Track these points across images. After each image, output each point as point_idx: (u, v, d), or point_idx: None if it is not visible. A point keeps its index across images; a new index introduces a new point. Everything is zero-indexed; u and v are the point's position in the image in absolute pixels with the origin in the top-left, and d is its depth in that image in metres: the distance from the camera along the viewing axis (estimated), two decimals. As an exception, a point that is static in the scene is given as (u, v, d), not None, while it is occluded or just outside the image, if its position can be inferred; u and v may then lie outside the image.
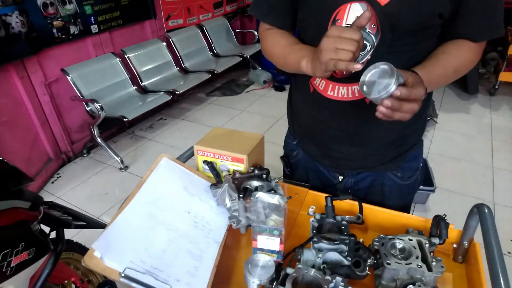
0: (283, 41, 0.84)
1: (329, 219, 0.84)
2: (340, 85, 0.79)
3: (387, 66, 0.60)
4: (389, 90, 0.59)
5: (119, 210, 0.76)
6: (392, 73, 0.59)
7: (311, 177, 1.02)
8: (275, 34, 0.88)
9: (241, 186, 0.84)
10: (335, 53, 0.60)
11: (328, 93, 0.81)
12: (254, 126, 3.17)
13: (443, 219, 0.79)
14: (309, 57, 0.72)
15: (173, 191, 0.84)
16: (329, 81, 0.80)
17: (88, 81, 2.68)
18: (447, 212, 2.11)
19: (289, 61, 0.81)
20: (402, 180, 0.93)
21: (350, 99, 0.80)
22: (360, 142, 0.87)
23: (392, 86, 0.58)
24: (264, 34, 0.91)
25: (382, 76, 0.60)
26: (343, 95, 0.80)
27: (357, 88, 0.79)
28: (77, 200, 2.33)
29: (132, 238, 0.71)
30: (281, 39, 0.85)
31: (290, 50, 0.81)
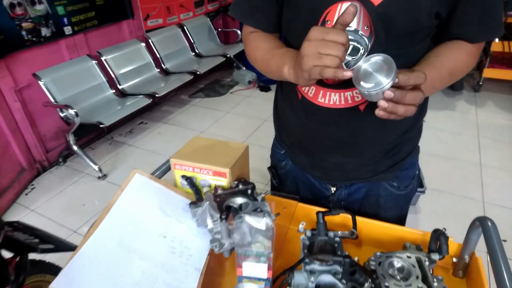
0: (266, 45, 0.76)
1: (321, 236, 0.77)
2: (331, 91, 0.72)
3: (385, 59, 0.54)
4: (383, 87, 0.52)
5: (84, 239, 0.67)
6: (389, 70, 0.53)
7: (301, 189, 0.95)
8: (258, 38, 0.80)
9: (224, 204, 0.76)
10: (319, 59, 0.53)
11: (318, 100, 0.74)
12: (239, 129, 3.08)
13: (443, 233, 0.73)
14: (291, 63, 0.65)
15: (147, 213, 0.75)
16: (320, 87, 0.73)
17: (62, 85, 2.54)
18: (438, 213, 2.09)
19: (271, 67, 0.73)
20: (398, 190, 0.87)
21: (343, 106, 0.73)
22: (353, 152, 0.80)
23: (388, 83, 0.52)
24: (247, 38, 0.83)
25: (379, 69, 0.54)
26: (335, 102, 0.73)
27: (350, 95, 0.72)
28: (52, 213, 2.20)
29: (98, 273, 0.62)
30: (263, 43, 0.77)
31: (272, 55, 0.73)
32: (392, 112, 0.54)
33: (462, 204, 2.07)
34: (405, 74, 0.52)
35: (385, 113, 0.54)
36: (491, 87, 3.60)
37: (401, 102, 0.53)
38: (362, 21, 0.63)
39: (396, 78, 0.52)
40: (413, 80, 0.52)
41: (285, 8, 0.73)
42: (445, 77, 0.68)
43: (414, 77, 0.52)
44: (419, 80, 0.53)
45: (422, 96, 0.54)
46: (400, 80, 0.52)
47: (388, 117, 0.55)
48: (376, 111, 0.55)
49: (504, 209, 2.02)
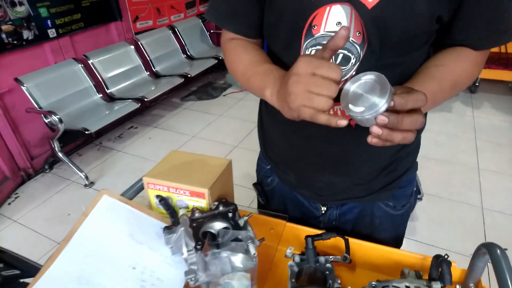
0: (246, 58, 0.68)
1: (310, 263, 0.70)
2: None
3: (378, 79, 0.46)
4: (382, 108, 0.44)
5: (39, 273, 0.59)
6: (383, 87, 0.45)
7: (289, 208, 0.88)
8: (238, 47, 0.72)
9: (201, 229, 0.68)
10: (309, 100, 0.46)
11: None
12: (232, 132, 3.00)
13: (446, 260, 0.66)
14: (273, 88, 0.57)
15: (115, 241, 0.66)
16: None
17: (47, 90, 2.45)
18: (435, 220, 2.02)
19: (252, 86, 0.65)
20: (394, 210, 0.80)
21: None
22: (344, 171, 0.73)
23: (384, 104, 0.44)
24: (226, 45, 0.75)
25: (371, 90, 0.46)
26: None
27: (339, 109, 0.64)
28: (36, 223, 2.11)
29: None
30: (244, 55, 0.69)
31: (253, 73, 0.65)
32: (387, 139, 0.46)
33: (460, 210, 2.01)
34: (402, 97, 0.44)
35: (378, 140, 0.46)
36: (488, 88, 3.55)
37: (398, 128, 0.45)
38: (354, 26, 0.55)
39: (391, 100, 0.44)
40: (412, 103, 0.44)
41: (267, 12, 0.66)
42: (447, 89, 0.60)
43: (413, 99, 0.44)
44: (419, 103, 0.45)
45: (422, 120, 0.46)
46: (396, 103, 0.44)
47: (382, 144, 0.47)
48: (368, 139, 0.47)
49: (503, 215, 1.95)
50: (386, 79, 0.44)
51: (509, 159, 2.46)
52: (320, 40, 0.58)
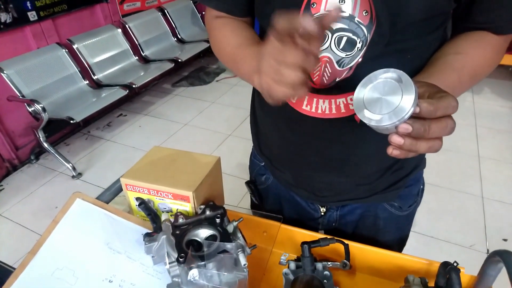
0: (233, 40, 0.61)
1: (307, 271, 0.64)
2: (319, 97, 0.57)
3: (395, 74, 0.38)
4: (408, 113, 0.36)
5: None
6: (406, 85, 0.37)
7: (285, 208, 0.81)
8: (224, 27, 0.63)
9: (185, 238, 0.61)
10: (277, 75, 0.40)
11: (303, 107, 0.59)
12: (225, 120, 2.91)
13: (455, 268, 0.60)
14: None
15: (89, 250, 0.60)
16: None
17: (29, 77, 2.32)
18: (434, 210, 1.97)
19: (240, 71, 0.58)
20: (400, 210, 0.74)
21: (334, 116, 0.58)
22: (346, 170, 0.66)
23: (411, 107, 0.36)
24: (210, 24, 0.66)
25: (391, 90, 0.38)
26: (324, 110, 0.57)
27: (343, 102, 0.56)
28: (22, 217, 2.03)
29: None
30: (230, 36, 0.61)
31: (241, 56, 0.57)
32: (410, 150, 0.38)
33: (460, 200, 1.97)
34: (431, 103, 0.36)
35: (401, 152, 0.39)
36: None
37: (424, 137, 0.38)
38: (360, 3, 0.47)
39: (417, 105, 0.36)
40: (442, 111, 0.37)
41: None
42: (466, 81, 0.52)
43: (444, 107, 0.37)
44: (450, 110, 0.37)
45: (453, 125, 0.38)
46: (424, 111, 0.36)
47: (405, 156, 0.39)
48: (388, 150, 0.39)
49: (503, 205, 1.92)
50: (409, 77, 0.37)
51: (510, 147, 2.41)
52: None
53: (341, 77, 0.53)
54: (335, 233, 0.80)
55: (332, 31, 0.50)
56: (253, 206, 0.88)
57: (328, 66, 0.53)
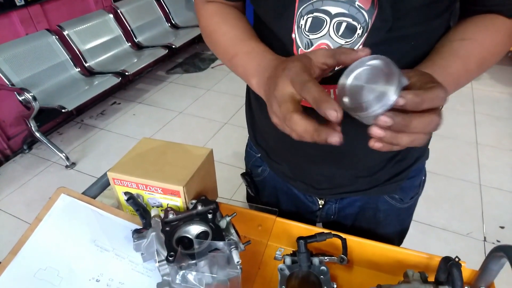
0: (227, 31, 0.57)
1: (303, 267, 0.62)
2: None
3: (380, 61, 0.36)
4: (387, 102, 0.34)
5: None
6: (390, 73, 0.34)
7: (282, 201, 0.79)
8: (216, 15, 0.59)
9: (175, 234, 0.58)
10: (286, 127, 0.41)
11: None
12: (221, 108, 2.87)
13: (456, 264, 0.58)
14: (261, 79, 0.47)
15: (74, 249, 0.57)
16: None
17: (19, 65, 2.26)
18: (432, 198, 1.96)
19: (236, 69, 0.55)
20: (401, 203, 0.71)
21: None
22: (346, 162, 0.63)
23: (392, 96, 0.34)
24: (200, 10, 0.62)
25: (374, 77, 0.35)
26: None
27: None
28: (15, 208, 2.00)
29: None
30: (223, 26, 0.58)
31: (236, 51, 0.54)
32: (391, 143, 0.36)
33: (458, 187, 1.96)
34: (417, 94, 0.34)
35: (382, 144, 0.36)
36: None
37: (406, 131, 0.35)
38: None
39: (403, 77, 0.34)
40: (428, 103, 0.34)
41: None
42: (473, 69, 0.49)
43: (430, 98, 0.34)
44: (436, 102, 0.35)
45: (438, 121, 0.36)
46: (409, 103, 0.34)
47: (388, 149, 0.37)
48: (370, 143, 0.37)
49: (501, 192, 1.91)
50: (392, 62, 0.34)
51: (508, 134, 2.39)
52: (318, 5, 0.46)
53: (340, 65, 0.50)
54: (333, 225, 0.78)
55: (331, 16, 0.46)
56: (249, 198, 0.85)
57: None
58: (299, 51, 0.51)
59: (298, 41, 0.50)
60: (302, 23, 0.48)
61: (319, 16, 0.47)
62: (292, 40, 0.50)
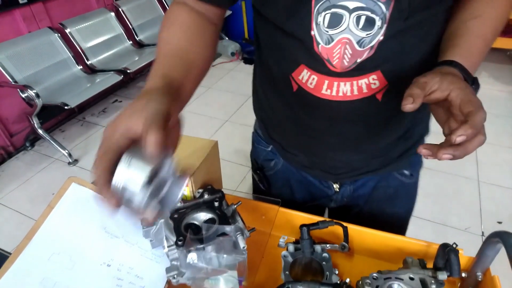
0: (170, 44, 0.54)
1: (306, 254, 0.64)
2: (340, 80, 0.55)
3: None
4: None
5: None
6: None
7: (297, 190, 0.81)
8: (175, 23, 0.57)
9: (183, 221, 0.61)
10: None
11: (322, 92, 0.57)
12: (222, 106, 2.89)
13: (454, 250, 0.60)
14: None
15: (85, 235, 0.59)
16: (323, 75, 0.55)
17: (21, 62, 2.27)
18: (431, 193, 1.98)
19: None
20: (410, 178, 0.76)
21: (356, 98, 0.56)
22: (363, 147, 0.66)
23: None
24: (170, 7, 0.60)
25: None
26: (346, 93, 0.56)
27: (365, 82, 0.55)
28: (18, 204, 2.02)
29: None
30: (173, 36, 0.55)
31: (157, 62, 0.52)
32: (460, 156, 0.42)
33: (456, 183, 1.98)
34: (471, 127, 0.39)
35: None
36: (486, 56, 3.43)
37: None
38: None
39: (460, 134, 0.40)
40: (479, 128, 0.40)
41: None
42: (490, 40, 0.52)
43: (480, 123, 0.40)
44: (481, 124, 0.40)
45: (484, 139, 0.41)
46: (468, 137, 0.39)
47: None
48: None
49: (499, 188, 1.93)
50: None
51: (507, 131, 2.41)
52: (335, 1, 0.47)
53: (362, 57, 0.52)
54: (346, 209, 0.82)
55: (349, 11, 0.47)
56: (259, 192, 0.87)
57: (348, 47, 0.50)
58: (320, 47, 0.52)
59: (318, 38, 0.51)
60: (320, 20, 0.49)
61: (337, 11, 0.48)
62: (312, 37, 0.51)
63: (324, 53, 0.52)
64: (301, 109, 0.63)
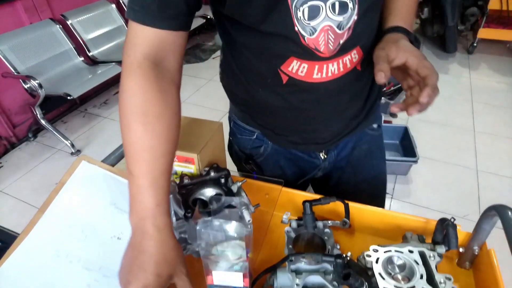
0: (146, 139, 0.50)
1: (308, 229, 0.66)
2: (328, 62, 0.59)
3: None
4: None
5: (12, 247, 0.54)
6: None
7: (287, 168, 0.84)
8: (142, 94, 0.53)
9: (191, 197, 0.63)
10: None
11: (314, 76, 0.61)
12: (222, 98, 2.87)
13: (452, 224, 0.62)
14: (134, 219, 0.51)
15: (96, 210, 0.61)
16: (313, 62, 0.59)
17: (23, 53, 2.28)
18: (430, 183, 2.01)
19: (129, 179, 0.52)
20: (377, 131, 0.85)
21: (342, 74, 0.62)
22: (348, 113, 0.74)
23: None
24: (125, 80, 0.56)
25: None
26: (334, 72, 0.61)
27: (348, 59, 0.60)
28: (22, 193, 2.05)
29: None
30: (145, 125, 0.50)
31: (137, 168, 0.50)
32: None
33: (455, 172, 2.00)
34: (432, 91, 0.48)
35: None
36: (485, 48, 3.45)
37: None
38: None
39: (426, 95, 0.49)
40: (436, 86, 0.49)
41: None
42: (417, 1, 0.65)
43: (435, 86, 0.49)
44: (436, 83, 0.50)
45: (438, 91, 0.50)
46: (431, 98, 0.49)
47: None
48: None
49: (497, 177, 1.96)
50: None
51: (505, 121, 2.44)
52: None
53: (344, 38, 0.56)
54: (328, 176, 0.88)
55: (325, 1, 0.51)
56: None
57: (330, 33, 0.55)
58: (306, 39, 0.55)
59: (302, 32, 0.54)
60: (300, 14, 0.52)
61: (314, 3, 0.51)
62: (297, 33, 0.54)
63: (311, 44, 0.56)
64: (294, 97, 0.66)
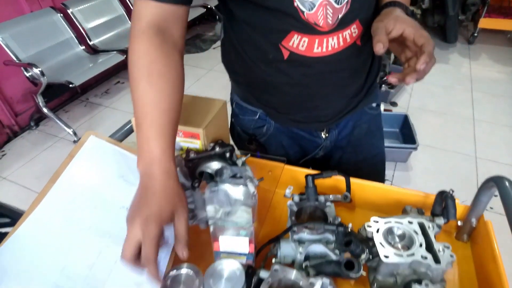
0: (151, 94, 0.55)
1: (310, 202, 0.68)
2: (328, 36, 0.61)
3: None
4: None
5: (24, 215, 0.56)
6: None
7: (289, 147, 0.85)
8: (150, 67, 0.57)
9: (197, 170, 0.64)
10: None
11: (314, 51, 0.62)
12: (223, 87, 2.89)
13: (451, 196, 0.64)
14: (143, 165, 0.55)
15: (104, 182, 0.63)
16: (313, 35, 0.60)
17: (25, 42, 2.28)
18: (429, 170, 2.03)
19: (138, 133, 0.55)
20: (376, 110, 0.86)
21: (342, 48, 0.63)
22: (349, 90, 0.74)
23: None
24: (134, 44, 0.61)
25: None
26: (334, 46, 0.62)
27: (348, 33, 0.62)
28: (26, 180, 2.07)
29: (41, 255, 0.51)
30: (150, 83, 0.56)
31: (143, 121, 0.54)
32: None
33: (455, 160, 2.02)
34: (429, 57, 0.49)
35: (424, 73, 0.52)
36: (486, 39, 3.44)
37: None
38: None
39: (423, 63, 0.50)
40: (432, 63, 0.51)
41: None
42: None
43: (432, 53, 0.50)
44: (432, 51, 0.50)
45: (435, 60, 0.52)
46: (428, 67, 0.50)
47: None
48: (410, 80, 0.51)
49: (496, 164, 1.98)
50: None
51: (504, 110, 2.45)
52: None
53: (342, 13, 0.58)
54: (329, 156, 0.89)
55: None
56: None
57: (328, 7, 0.57)
58: (305, 14, 0.57)
59: (302, 7, 0.56)
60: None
61: None
62: (296, 8, 0.57)
63: (310, 18, 0.58)
64: (296, 72, 0.67)
